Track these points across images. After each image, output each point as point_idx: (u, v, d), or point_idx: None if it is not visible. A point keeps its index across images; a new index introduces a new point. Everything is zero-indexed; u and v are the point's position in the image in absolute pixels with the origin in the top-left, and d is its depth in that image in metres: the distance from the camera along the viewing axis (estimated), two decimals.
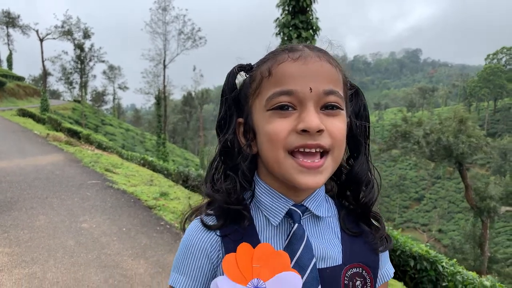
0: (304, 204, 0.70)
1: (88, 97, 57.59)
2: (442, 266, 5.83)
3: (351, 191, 0.76)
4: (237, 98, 0.72)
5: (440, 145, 23.11)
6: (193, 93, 61.57)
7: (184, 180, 11.50)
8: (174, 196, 7.03)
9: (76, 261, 3.87)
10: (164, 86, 40.46)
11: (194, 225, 0.70)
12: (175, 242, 4.53)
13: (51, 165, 8.87)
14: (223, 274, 0.63)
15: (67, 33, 41.10)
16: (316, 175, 0.64)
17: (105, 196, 6.36)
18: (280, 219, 0.69)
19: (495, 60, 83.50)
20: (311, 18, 11.42)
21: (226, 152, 0.71)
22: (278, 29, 11.60)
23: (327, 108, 0.65)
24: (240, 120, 0.72)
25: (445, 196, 54.81)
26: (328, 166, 0.65)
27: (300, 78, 0.64)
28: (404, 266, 6.21)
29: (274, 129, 0.64)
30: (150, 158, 14.09)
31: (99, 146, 17.25)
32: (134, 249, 4.24)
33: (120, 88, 62.38)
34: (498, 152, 47.35)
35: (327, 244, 0.71)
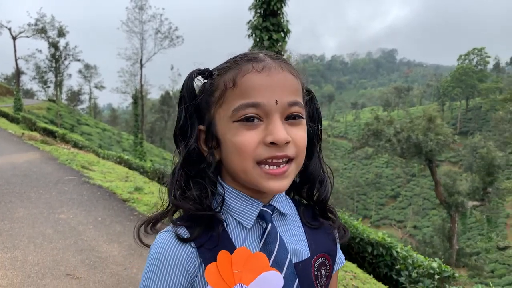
0: (272, 204, 0.74)
1: (64, 96, 56.80)
2: (397, 252, 6.39)
3: (307, 189, 0.81)
4: (197, 105, 0.73)
5: (410, 143, 24.06)
6: (171, 93, 61.39)
7: (160, 177, 11.85)
8: (148, 191, 7.40)
9: (55, 246, 4.24)
10: (141, 86, 40.36)
11: (166, 238, 0.68)
12: None
13: (27, 163, 9.09)
14: (205, 286, 0.65)
15: (41, 31, 40.52)
16: (282, 180, 0.67)
17: (82, 190, 6.70)
18: (253, 221, 0.71)
19: (467, 61, 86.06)
20: (282, 21, 11.92)
21: (189, 161, 0.71)
22: (250, 31, 12.06)
23: (291, 118, 0.68)
24: (201, 127, 0.73)
25: (419, 193, 56.18)
26: (292, 171, 0.69)
27: (266, 90, 0.65)
28: (363, 252, 6.76)
29: (243, 141, 0.65)
30: (126, 157, 14.35)
31: (75, 145, 17.35)
32: (109, 235, 4.64)
33: (96, 87, 61.67)
34: (470, 150, 48.96)
35: (295, 239, 0.75)
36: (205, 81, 0.73)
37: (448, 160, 62.48)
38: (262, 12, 11.83)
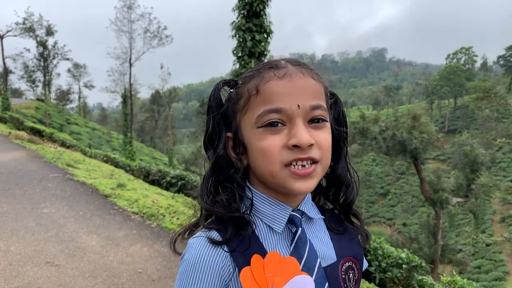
0: (300, 209, 0.75)
1: (53, 95, 56.48)
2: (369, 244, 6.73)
3: (333, 192, 0.82)
4: (224, 113, 0.75)
5: (395, 141, 24.52)
6: (161, 92, 61.37)
7: (146, 176, 12.08)
8: (131, 187, 7.65)
9: (37, 238, 4.49)
10: (130, 85, 40.40)
11: (200, 243, 0.69)
12: (125, 221, 5.22)
13: (13, 161, 9.28)
14: None
15: (29, 30, 40.35)
16: (307, 181, 0.68)
17: (65, 187, 6.94)
18: (283, 226, 0.72)
19: (455, 60, 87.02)
20: (264, 22, 12.20)
21: (218, 167, 0.73)
22: (234, 31, 12.33)
23: (314, 121, 0.69)
24: (229, 134, 0.75)
25: (409, 191, 56.69)
26: (318, 172, 0.70)
27: (288, 95, 0.67)
28: None
29: (268, 145, 0.67)
30: (113, 155, 14.54)
31: (63, 144, 17.48)
32: (89, 228, 4.90)
33: (86, 86, 61.44)
34: (457, 148, 49.68)
35: (322, 243, 0.77)
36: (231, 90, 0.76)
37: (437, 158, 63.32)
38: (245, 13, 12.10)
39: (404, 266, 5.87)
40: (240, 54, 12.26)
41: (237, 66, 12.36)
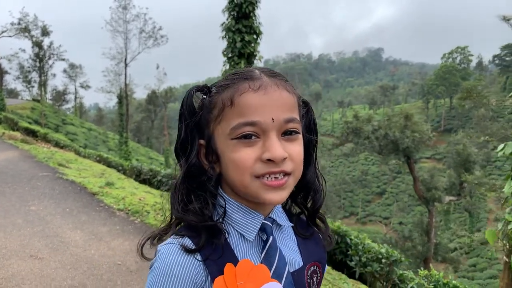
0: (271, 216, 0.76)
1: (48, 96, 56.51)
2: (350, 239, 6.91)
3: (301, 196, 0.84)
4: (197, 121, 0.75)
5: (388, 140, 24.78)
6: (157, 92, 61.49)
7: (137, 175, 12.28)
8: (119, 186, 7.84)
9: (23, 233, 4.68)
10: (126, 85, 40.52)
11: (172, 250, 0.68)
12: (109, 218, 5.42)
13: (5, 161, 9.44)
14: None
15: (24, 30, 40.42)
16: (279, 192, 0.69)
17: (54, 185, 7.12)
18: (255, 234, 0.73)
19: (450, 59, 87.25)
20: (253, 23, 12.40)
21: (190, 174, 0.74)
22: (224, 32, 12.52)
23: (287, 134, 0.71)
24: (202, 142, 0.75)
25: (405, 190, 56.88)
26: (290, 184, 0.71)
27: (263, 108, 0.68)
28: None
29: (241, 157, 0.68)
30: (106, 155, 14.73)
31: (57, 145, 17.65)
32: (74, 224, 5.09)
33: (82, 87, 61.41)
34: (452, 147, 49.95)
35: (290, 249, 0.79)
36: (204, 97, 0.76)
37: (433, 157, 63.66)
38: (234, 14, 12.30)
39: (383, 260, 6.06)
40: (230, 55, 12.46)
41: (227, 66, 12.56)
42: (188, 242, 0.69)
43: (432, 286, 5.17)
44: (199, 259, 0.68)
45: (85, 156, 15.20)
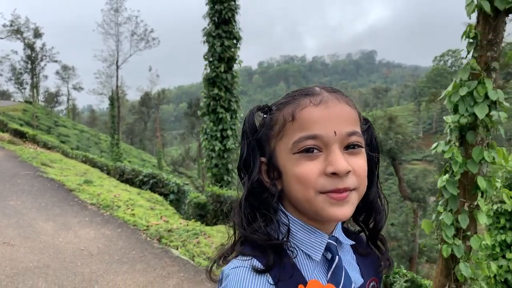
0: (335, 235, 0.76)
1: (41, 97, 56.71)
2: None
3: (363, 217, 0.84)
4: (258, 138, 0.76)
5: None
6: (151, 94, 61.83)
7: (121, 174, 12.73)
8: (97, 184, 8.29)
9: None
10: (117, 87, 40.89)
11: (243, 274, 0.67)
12: (81, 211, 5.88)
13: None
14: None
15: (16, 32, 40.69)
16: (343, 206, 0.68)
17: (34, 183, 7.57)
18: (321, 254, 0.73)
19: (442, 62, 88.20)
20: (233, 28, 12.90)
21: (253, 192, 0.74)
22: (205, 37, 13.00)
23: (350, 147, 0.70)
24: (263, 159, 0.75)
25: (397, 192, 57.18)
26: (354, 198, 0.70)
27: (324, 122, 0.68)
28: None
29: (304, 172, 0.68)
30: (91, 156, 15.15)
31: (45, 146, 18.04)
32: (47, 216, 5.55)
33: (74, 88, 61.62)
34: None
35: (351, 266, 0.79)
36: (265, 116, 0.77)
37: (424, 159, 64.44)
38: (215, 20, 12.79)
39: None
40: (210, 59, 12.94)
41: (208, 70, 13.05)
42: (256, 263, 0.68)
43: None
44: (271, 282, 0.67)
45: (72, 156, 15.61)
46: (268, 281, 0.67)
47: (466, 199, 4.57)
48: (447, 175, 4.69)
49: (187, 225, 5.73)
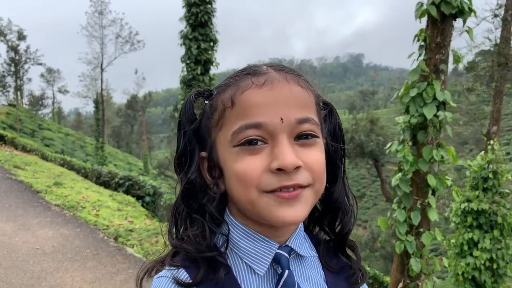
0: (289, 245, 0.63)
1: (25, 100, 56.10)
2: None
3: (328, 219, 0.71)
4: (198, 129, 0.64)
5: (354, 143, 25.71)
6: (138, 97, 61.62)
7: (98, 177, 12.74)
8: (67, 186, 8.33)
9: None
10: (102, 90, 40.71)
11: (164, 283, 0.59)
12: (43, 212, 5.94)
13: None
14: None
15: None
16: (295, 207, 0.57)
17: (1, 185, 7.59)
18: (267, 267, 0.62)
19: None
20: (209, 31, 13.03)
21: (189, 193, 0.63)
22: (182, 40, 13.12)
23: (302, 137, 0.58)
24: (204, 154, 0.64)
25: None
26: (308, 196, 0.59)
27: (268, 107, 0.57)
28: None
29: (245, 168, 0.57)
30: (69, 159, 15.13)
31: (23, 149, 17.94)
32: (8, 217, 5.60)
33: (60, 91, 61.07)
34: None
35: (314, 285, 0.66)
36: (206, 102, 0.65)
37: None
38: (191, 23, 12.93)
39: None
40: (187, 61, 13.07)
41: (185, 72, 13.16)
42: (183, 274, 0.60)
43: None
44: None
45: (51, 159, 15.56)
46: None
47: (419, 196, 4.76)
48: (400, 174, 4.87)
49: (150, 225, 5.82)
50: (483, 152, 8.67)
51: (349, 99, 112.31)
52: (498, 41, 9.66)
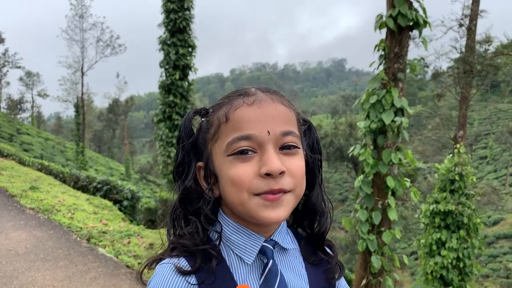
0: (273, 239, 0.74)
1: (3, 105, 55.07)
2: None
3: (307, 220, 0.82)
4: (195, 142, 0.75)
5: (334, 147, 26.17)
6: (120, 100, 61.06)
7: (75, 181, 12.75)
8: (44, 190, 8.38)
9: None
10: (82, 94, 40.29)
11: (166, 271, 0.68)
12: (18, 215, 6.03)
13: None
14: None
15: None
16: (277, 208, 0.68)
17: None
18: (254, 257, 0.72)
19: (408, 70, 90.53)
20: (188, 37, 13.20)
21: (186, 198, 0.74)
22: (160, 46, 13.24)
23: (285, 148, 0.69)
24: (200, 164, 0.75)
25: None
26: (289, 200, 0.69)
27: (258, 122, 0.68)
28: None
29: (238, 174, 0.67)
30: (47, 163, 15.07)
31: (0, 154, 17.76)
32: None
33: (39, 95, 60.08)
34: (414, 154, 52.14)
35: (295, 275, 0.76)
36: (202, 120, 0.76)
37: None
38: (170, 29, 13.07)
39: None
40: (166, 67, 13.20)
41: (164, 77, 13.29)
42: (184, 263, 0.69)
43: None
44: (193, 283, 0.67)
45: (29, 164, 15.46)
46: (190, 281, 0.68)
47: (380, 197, 5.04)
48: (362, 176, 5.15)
49: (123, 227, 5.96)
50: (450, 155, 9.06)
51: (331, 104, 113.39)
52: (463, 49, 10.13)
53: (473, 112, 76.49)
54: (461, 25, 10.31)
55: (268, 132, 0.67)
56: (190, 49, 13.24)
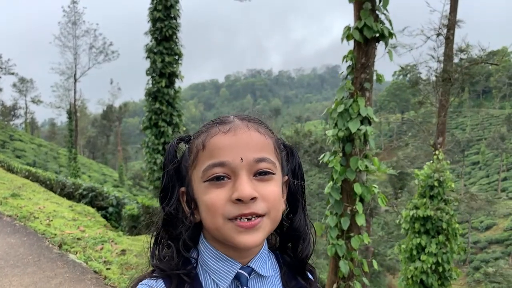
0: (250, 265, 0.75)
1: None
2: None
3: (291, 245, 0.83)
4: (178, 169, 0.78)
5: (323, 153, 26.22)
6: (114, 106, 61.08)
7: (62, 188, 12.80)
8: (25, 197, 8.45)
9: None
10: (75, 100, 40.28)
11: None
12: None
13: None
14: None
15: None
16: (253, 234, 0.69)
17: None
18: (229, 283, 0.73)
19: (400, 77, 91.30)
20: (174, 45, 13.34)
21: (168, 222, 0.76)
22: (147, 53, 13.37)
23: (260, 174, 0.71)
24: (183, 189, 0.77)
25: None
26: (265, 225, 0.71)
27: (231, 149, 0.70)
28: None
29: (211, 199, 0.69)
30: (34, 170, 15.12)
31: None
32: None
33: (33, 101, 60.00)
34: (404, 160, 52.44)
35: None
36: (186, 145, 0.79)
37: None
38: (156, 37, 13.21)
39: None
40: (153, 74, 13.32)
41: (150, 85, 13.41)
42: (161, 285, 0.73)
43: None
44: None
45: (17, 171, 15.50)
46: None
47: (348, 203, 5.16)
48: (331, 183, 5.27)
49: (99, 234, 6.04)
50: (430, 162, 9.21)
51: (325, 110, 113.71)
52: (442, 58, 10.33)
53: (465, 118, 77.32)
54: (438, 35, 10.53)
55: (242, 159, 0.69)
56: (176, 57, 13.39)
